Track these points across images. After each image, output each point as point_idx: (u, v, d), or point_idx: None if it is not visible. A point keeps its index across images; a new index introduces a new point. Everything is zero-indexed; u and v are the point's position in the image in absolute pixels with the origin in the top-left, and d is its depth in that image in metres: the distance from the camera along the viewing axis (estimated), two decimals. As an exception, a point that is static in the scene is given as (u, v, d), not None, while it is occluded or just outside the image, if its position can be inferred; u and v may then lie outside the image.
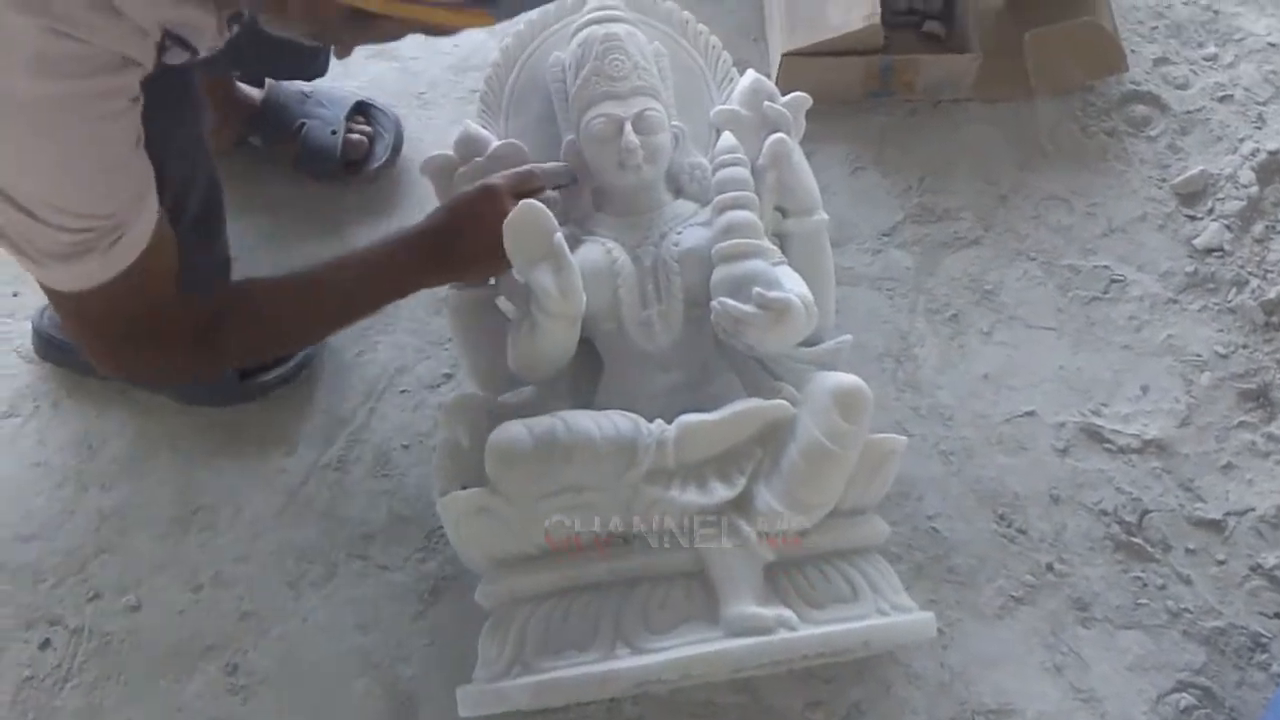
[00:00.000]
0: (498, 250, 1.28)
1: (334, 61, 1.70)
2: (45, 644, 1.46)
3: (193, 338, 1.28)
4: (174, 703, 1.42)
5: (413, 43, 1.91)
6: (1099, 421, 1.59)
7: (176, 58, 1.13)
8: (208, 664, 1.44)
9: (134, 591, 1.49)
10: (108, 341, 1.26)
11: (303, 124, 1.74)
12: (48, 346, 1.60)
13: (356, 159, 1.76)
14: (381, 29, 1.04)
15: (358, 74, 1.87)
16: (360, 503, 1.54)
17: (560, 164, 1.43)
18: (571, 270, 1.26)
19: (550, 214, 1.27)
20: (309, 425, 1.60)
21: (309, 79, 1.73)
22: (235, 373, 1.57)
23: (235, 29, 1.16)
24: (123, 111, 1.08)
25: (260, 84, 1.76)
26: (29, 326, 1.63)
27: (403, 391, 1.62)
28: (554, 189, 1.40)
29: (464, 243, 1.34)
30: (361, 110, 1.79)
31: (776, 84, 1.75)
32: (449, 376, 1.63)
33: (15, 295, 1.70)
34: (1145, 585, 1.48)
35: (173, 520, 1.54)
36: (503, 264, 1.31)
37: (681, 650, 1.19)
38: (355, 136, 1.76)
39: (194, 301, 1.27)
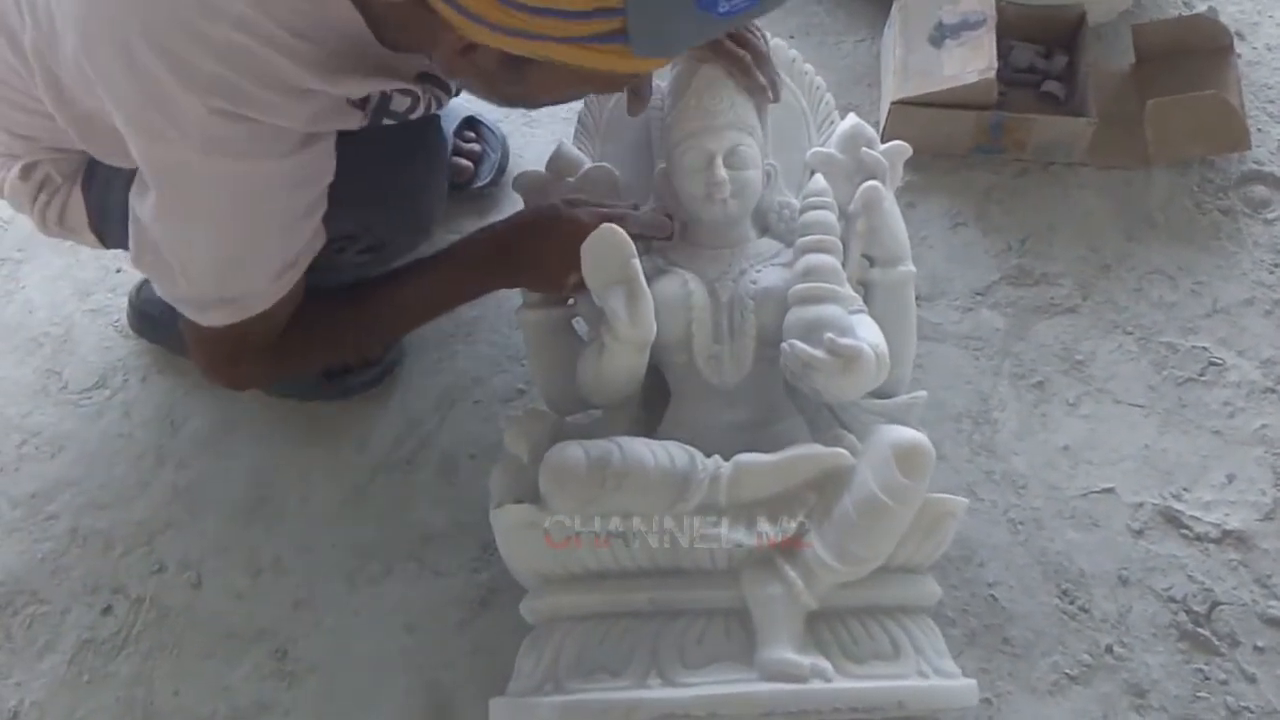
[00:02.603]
0: (561, 275, 1.31)
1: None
2: (107, 610, 1.51)
3: (284, 350, 1.33)
4: (222, 681, 1.45)
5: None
6: (1179, 506, 1.54)
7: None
8: (258, 647, 1.47)
9: (196, 569, 1.53)
10: (213, 360, 1.33)
11: (412, 136, 1.77)
12: (142, 322, 1.66)
13: (462, 183, 1.78)
14: (540, 83, 1.04)
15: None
16: (423, 506, 1.56)
17: (662, 216, 1.42)
18: (644, 297, 1.25)
19: (629, 239, 1.27)
20: (382, 425, 1.63)
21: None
22: (320, 372, 1.60)
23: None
24: (287, 186, 1.14)
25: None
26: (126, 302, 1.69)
27: (476, 402, 1.64)
28: (643, 237, 1.38)
29: (533, 257, 1.36)
30: (471, 125, 1.82)
31: (884, 131, 1.75)
32: (522, 392, 1.64)
33: (119, 272, 1.77)
34: (1207, 678, 1.42)
35: (241, 503, 1.57)
36: (559, 286, 1.35)
37: (712, 688, 1.17)
38: (462, 162, 1.78)
39: (293, 318, 1.31)
